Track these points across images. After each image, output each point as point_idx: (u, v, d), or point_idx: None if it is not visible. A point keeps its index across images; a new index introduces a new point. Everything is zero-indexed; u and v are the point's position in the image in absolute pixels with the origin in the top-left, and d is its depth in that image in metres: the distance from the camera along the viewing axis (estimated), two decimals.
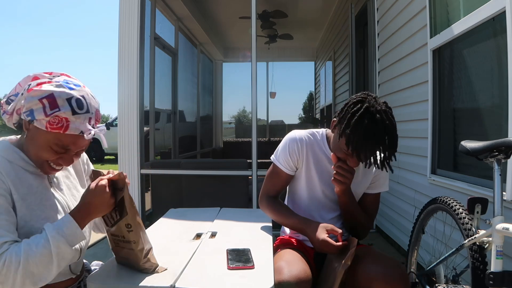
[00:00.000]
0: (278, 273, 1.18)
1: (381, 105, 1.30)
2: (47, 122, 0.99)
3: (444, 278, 1.56)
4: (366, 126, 1.25)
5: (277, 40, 6.36)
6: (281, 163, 1.53)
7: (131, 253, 1.10)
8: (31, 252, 0.93)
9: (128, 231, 1.08)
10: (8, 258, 0.90)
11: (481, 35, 1.98)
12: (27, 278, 0.91)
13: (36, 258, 0.93)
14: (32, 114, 1.00)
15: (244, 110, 11.24)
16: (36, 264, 0.93)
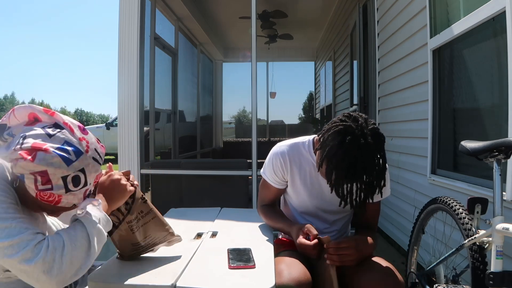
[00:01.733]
0: (278, 276, 1.18)
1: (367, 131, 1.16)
2: (37, 193, 0.90)
3: (444, 278, 1.57)
4: (347, 167, 1.13)
5: (277, 40, 6.36)
6: (269, 178, 1.52)
7: (154, 223, 1.17)
8: (71, 236, 0.90)
9: (144, 203, 1.16)
10: (51, 243, 0.86)
11: (481, 35, 1.98)
12: (72, 264, 0.87)
13: (78, 241, 0.90)
14: (22, 177, 0.89)
15: (244, 110, 11.24)
16: (78, 247, 0.89)
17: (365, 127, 1.17)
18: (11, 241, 0.83)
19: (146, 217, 1.16)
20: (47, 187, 0.89)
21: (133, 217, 1.13)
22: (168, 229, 1.22)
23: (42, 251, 0.84)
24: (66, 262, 0.86)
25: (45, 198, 0.91)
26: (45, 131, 0.92)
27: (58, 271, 0.85)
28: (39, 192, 0.90)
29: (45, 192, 0.90)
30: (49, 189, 0.89)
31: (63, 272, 0.85)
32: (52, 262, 0.85)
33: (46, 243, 0.86)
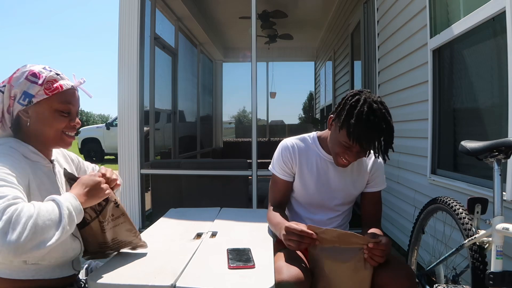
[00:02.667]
0: (278, 273, 1.19)
1: (376, 97, 1.37)
2: (44, 90, 1.08)
3: (444, 278, 1.56)
4: (366, 115, 1.30)
5: (277, 40, 6.36)
6: (277, 171, 1.58)
7: (123, 226, 1.19)
8: (42, 207, 0.93)
9: (116, 207, 1.17)
10: (20, 208, 0.89)
11: (481, 35, 1.98)
12: (35, 233, 0.87)
13: (47, 214, 0.92)
14: (27, 94, 1.08)
15: (244, 110, 11.24)
16: (47, 219, 0.91)
17: (372, 94, 1.39)
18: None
19: (117, 220, 1.18)
20: (42, 78, 1.09)
21: (105, 218, 1.15)
22: (136, 235, 1.23)
23: (8, 212, 0.87)
24: (30, 230, 0.87)
25: (52, 88, 1.09)
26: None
27: (18, 236, 0.85)
28: (45, 88, 1.08)
29: (47, 84, 1.09)
30: (44, 77, 1.09)
31: (23, 238, 0.85)
32: (16, 222, 0.86)
33: (18, 205, 0.89)
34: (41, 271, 1.08)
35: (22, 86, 1.08)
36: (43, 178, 1.10)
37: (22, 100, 1.08)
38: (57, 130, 1.13)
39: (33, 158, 1.11)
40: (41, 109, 1.10)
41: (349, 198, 1.58)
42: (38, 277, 1.08)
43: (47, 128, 1.11)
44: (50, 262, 1.09)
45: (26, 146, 1.10)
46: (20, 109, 1.09)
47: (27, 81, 1.08)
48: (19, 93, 1.08)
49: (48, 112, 1.10)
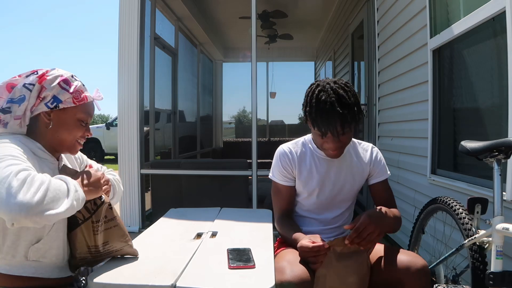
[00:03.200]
0: (280, 273, 1.19)
1: (331, 80, 1.40)
2: (73, 98, 1.14)
3: (444, 278, 1.57)
4: (320, 99, 1.33)
5: (277, 40, 6.35)
6: (278, 178, 1.57)
7: (115, 230, 1.18)
8: (53, 179, 0.97)
9: (110, 209, 1.17)
10: (33, 174, 0.93)
11: (481, 35, 1.98)
12: (47, 197, 0.90)
13: (57, 185, 0.95)
14: (57, 99, 1.12)
15: (244, 110, 11.23)
16: (57, 189, 0.94)
17: (328, 79, 1.41)
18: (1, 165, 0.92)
19: (110, 223, 1.18)
20: (73, 87, 1.14)
21: (98, 218, 1.14)
22: (128, 241, 1.22)
23: (22, 175, 0.90)
24: (42, 192, 0.90)
25: (80, 98, 1.15)
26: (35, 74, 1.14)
27: (31, 195, 0.88)
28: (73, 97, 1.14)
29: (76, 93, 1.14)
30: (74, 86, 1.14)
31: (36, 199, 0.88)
32: (29, 185, 0.89)
33: (29, 172, 0.92)
34: (41, 269, 1.09)
35: (54, 91, 1.12)
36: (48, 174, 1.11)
37: (50, 103, 1.12)
38: (74, 137, 1.18)
39: (41, 155, 1.13)
40: (65, 115, 1.14)
41: (352, 192, 1.58)
42: (38, 275, 1.08)
43: (66, 134, 1.16)
44: (51, 260, 1.10)
45: (34, 143, 1.13)
46: (44, 111, 1.12)
47: (59, 87, 1.12)
48: (50, 97, 1.11)
49: (71, 119, 1.15)
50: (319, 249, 1.23)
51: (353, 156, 1.56)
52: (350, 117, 1.34)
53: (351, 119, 1.35)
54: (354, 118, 1.36)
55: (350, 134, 1.40)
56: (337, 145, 1.41)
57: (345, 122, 1.34)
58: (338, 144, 1.40)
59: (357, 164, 1.56)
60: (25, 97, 1.10)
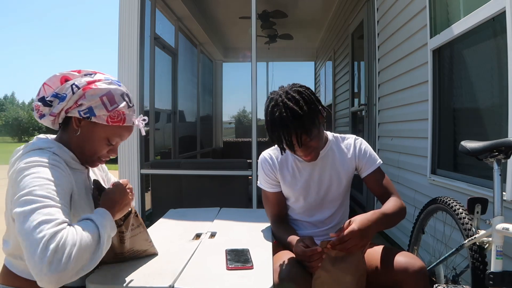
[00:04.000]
0: (278, 274, 1.18)
1: (284, 89, 1.39)
2: (108, 117, 1.08)
3: (444, 278, 1.56)
4: (272, 116, 1.32)
5: (277, 40, 6.35)
6: (264, 185, 1.58)
7: (140, 237, 1.18)
8: (84, 234, 0.90)
9: (136, 216, 1.18)
10: (65, 235, 0.86)
11: (481, 35, 1.98)
12: (77, 263, 0.86)
13: (88, 241, 0.90)
14: (91, 111, 1.07)
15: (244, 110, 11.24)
16: (88, 246, 0.89)
17: (281, 90, 1.39)
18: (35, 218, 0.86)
19: (136, 230, 1.17)
20: (115, 106, 1.08)
21: (127, 228, 1.14)
22: (150, 243, 1.22)
23: (55, 241, 0.85)
24: (73, 260, 0.86)
25: (115, 119, 1.09)
26: (89, 77, 1.10)
27: (63, 267, 0.84)
28: (110, 115, 1.08)
29: (114, 113, 1.08)
30: (116, 106, 1.08)
31: (68, 267, 0.85)
32: (60, 255, 0.84)
33: (61, 234, 0.86)
34: None
35: (92, 102, 1.07)
36: (81, 186, 1.11)
37: (84, 113, 1.07)
38: (96, 153, 1.13)
39: (74, 165, 1.11)
40: (94, 128, 1.10)
41: (340, 191, 1.54)
42: None
43: (89, 147, 1.11)
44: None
45: (68, 152, 1.10)
46: (76, 116, 1.09)
47: (100, 101, 1.07)
48: (85, 106, 1.07)
49: (98, 135, 1.11)
50: (312, 254, 1.21)
51: (336, 154, 1.53)
52: (307, 128, 1.31)
53: (308, 129, 1.31)
54: (311, 126, 1.32)
55: (314, 140, 1.36)
56: (306, 152, 1.38)
57: (301, 135, 1.30)
58: (307, 151, 1.38)
59: (340, 161, 1.53)
60: (65, 97, 1.07)
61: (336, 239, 1.22)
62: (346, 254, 1.25)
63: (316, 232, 1.53)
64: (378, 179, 1.51)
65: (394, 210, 1.39)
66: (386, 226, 1.39)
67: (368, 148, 1.54)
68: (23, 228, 0.86)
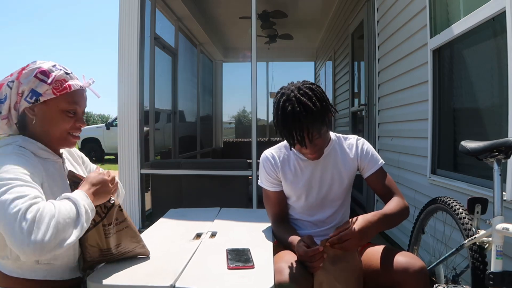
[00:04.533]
0: (279, 274, 1.18)
1: (296, 85, 1.36)
2: (52, 89, 1.07)
3: (444, 278, 1.56)
4: (283, 110, 1.31)
5: (277, 40, 6.35)
6: (265, 184, 1.57)
7: (127, 231, 1.17)
8: (62, 207, 0.92)
9: (120, 211, 1.15)
10: (42, 207, 0.89)
11: (481, 35, 1.98)
12: (58, 232, 0.88)
13: (67, 212, 0.92)
14: (35, 92, 1.07)
15: (244, 110, 11.23)
16: (67, 217, 0.91)
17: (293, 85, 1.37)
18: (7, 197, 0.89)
19: (121, 225, 1.16)
20: (52, 77, 1.07)
21: (110, 221, 1.13)
22: (139, 241, 1.21)
23: (32, 212, 0.87)
24: (53, 229, 0.87)
25: (60, 88, 1.08)
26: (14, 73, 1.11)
27: (43, 235, 0.86)
28: (53, 86, 1.07)
29: (56, 83, 1.08)
30: (53, 76, 1.08)
31: (47, 237, 0.86)
32: (39, 224, 0.86)
33: (37, 206, 0.89)
34: (53, 271, 1.08)
35: (31, 84, 1.06)
36: (54, 175, 1.11)
37: (29, 98, 1.07)
38: (62, 130, 1.12)
39: (43, 155, 1.11)
40: (47, 108, 1.09)
41: (341, 190, 1.55)
42: (49, 278, 1.08)
43: (52, 127, 1.11)
44: (62, 262, 1.10)
45: (35, 143, 1.10)
46: (27, 106, 1.08)
47: (36, 79, 1.07)
48: (27, 91, 1.07)
49: (55, 111, 1.10)
50: (314, 254, 1.22)
51: (338, 153, 1.54)
52: (318, 125, 1.32)
53: (319, 126, 1.33)
54: (322, 124, 1.34)
55: (322, 137, 1.38)
56: (313, 150, 1.39)
57: (312, 131, 1.31)
58: (314, 148, 1.39)
59: (343, 160, 1.53)
60: (6, 96, 1.08)
61: (336, 237, 1.23)
62: (343, 252, 1.26)
63: (317, 232, 1.53)
64: (381, 179, 1.52)
65: (396, 211, 1.40)
66: (388, 227, 1.40)
67: (370, 148, 1.55)
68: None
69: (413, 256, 1.31)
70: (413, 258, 1.28)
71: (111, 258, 1.18)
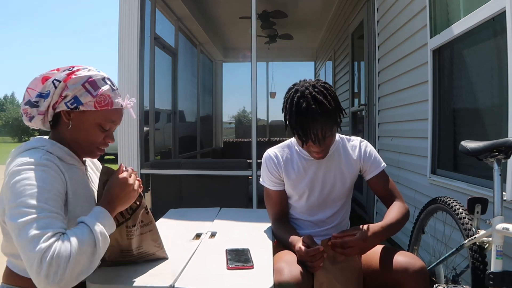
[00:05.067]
0: (278, 274, 1.18)
1: (310, 82, 1.37)
2: (95, 102, 1.08)
3: (444, 278, 1.56)
4: (296, 104, 1.31)
5: (277, 40, 6.35)
6: (267, 183, 1.57)
7: (150, 235, 1.16)
8: (79, 241, 0.91)
9: (147, 213, 1.15)
10: (58, 248, 0.88)
11: (481, 35, 1.98)
12: (74, 269, 0.88)
13: (84, 247, 0.91)
14: (77, 100, 1.07)
15: (244, 110, 11.25)
16: (84, 253, 0.91)
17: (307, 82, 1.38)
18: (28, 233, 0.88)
19: (145, 228, 1.16)
20: (98, 90, 1.08)
21: (134, 222, 1.12)
22: (160, 246, 1.20)
23: (47, 256, 0.86)
24: (70, 269, 0.87)
25: (103, 103, 1.09)
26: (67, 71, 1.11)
27: (61, 277, 0.86)
28: (96, 100, 1.08)
29: (100, 97, 1.08)
30: (100, 90, 1.08)
31: (65, 277, 0.86)
32: (56, 268, 0.86)
33: (54, 247, 0.87)
34: None
35: (76, 91, 1.07)
36: (78, 183, 1.10)
37: (70, 103, 1.07)
38: (92, 142, 1.13)
39: (69, 161, 1.10)
40: (84, 118, 1.10)
41: (343, 190, 1.55)
42: None
43: (83, 137, 1.11)
44: None
45: (62, 148, 1.09)
46: (65, 109, 1.09)
47: (83, 88, 1.07)
48: (70, 96, 1.07)
49: (90, 123, 1.10)
50: (314, 254, 1.22)
51: (342, 154, 1.54)
52: (332, 123, 1.33)
53: (332, 124, 1.34)
54: (335, 123, 1.35)
55: (332, 136, 1.39)
56: (321, 148, 1.40)
57: (326, 129, 1.32)
58: (322, 147, 1.39)
59: (346, 161, 1.54)
60: (49, 93, 1.07)
61: (339, 241, 1.24)
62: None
63: (317, 232, 1.53)
64: (382, 182, 1.54)
65: (399, 218, 1.43)
66: (391, 235, 1.42)
67: (373, 151, 1.55)
68: (19, 243, 0.89)
69: (413, 256, 1.31)
70: (413, 258, 1.28)
71: (131, 259, 1.17)
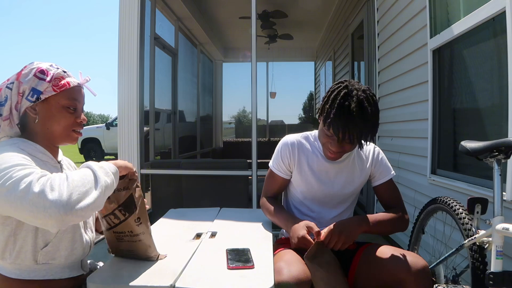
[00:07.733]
0: (278, 274, 1.18)
1: (360, 86, 1.36)
2: (52, 86, 1.11)
3: (444, 278, 1.56)
4: (342, 102, 1.30)
5: (277, 40, 6.36)
6: (275, 167, 1.59)
7: (138, 245, 1.15)
8: (74, 172, 0.94)
9: (137, 225, 1.13)
10: (51, 176, 0.90)
11: (481, 35, 1.98)
12: (74, 188, 0.89)
13: (80, 174, 0.94)
14: (36, 90, 1.09)
15: (244, 110, 11.25)
16: (80, 178, 0.93)
17: (358, 84, 1.37)
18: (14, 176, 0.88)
19: (134, 238, 1.15)
20: (51, 75, 1.11)
21: (123, 230, 1.13)
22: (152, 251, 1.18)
23: (41, 181, 0.88)
24: (68, 186, 0.88)
25: (60, 85, 1.11)
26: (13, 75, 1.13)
27: (59, 193, 0.86)
28: (52, 83, 1.11)
29: (55, 81, 1.11)
30: (52, 74, 1.11)
31: (64, 194, 0.87)
32: (52, 186, 0.87)
33: (47, 177, 0.90)
34: (51, 271, 1.08)
35: (31, 83, 1.09)
36: None
37: (31, 96, 1.09)
38: (65, 126, 1.14)
39: (42, 157, 1.11)
40: (49, 106, 1.12)
41: (351, 193, 1.57)
42: (48, 277, 1.08)
43: (55, 124, 1.13)
44: (60, 262, 1.09)
45: (34, 145, 1.10)
46: (28, 105, 1.10)
47: (36, 78, 1.10)
48: (28, 90, 1.09)
49: (56, 108, 1.12)
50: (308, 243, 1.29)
51: (355, 158, 1.56)
52: (364, 133, 1.34)
53: (364, 135, 1.34)
54: (367, 134, 1.35)
55: (354, 146, 1.40)
56: (339, 150, 1.41)
57: (355, 136, 1.33)
58: (341, 149, 1.40)
59: (358, 166, 1.55)
60: (7, 97, 1.10)
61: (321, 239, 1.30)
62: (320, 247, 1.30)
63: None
64: (389, 190, 1.56)
65: (388, 218, 1.45)
66: (376, 230, 1.43)
67: (384, 158, 1.58)
68: (8, 194, 0.87)
69: (416, 255, 1.32)
70: (416, 257, 1.29)
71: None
